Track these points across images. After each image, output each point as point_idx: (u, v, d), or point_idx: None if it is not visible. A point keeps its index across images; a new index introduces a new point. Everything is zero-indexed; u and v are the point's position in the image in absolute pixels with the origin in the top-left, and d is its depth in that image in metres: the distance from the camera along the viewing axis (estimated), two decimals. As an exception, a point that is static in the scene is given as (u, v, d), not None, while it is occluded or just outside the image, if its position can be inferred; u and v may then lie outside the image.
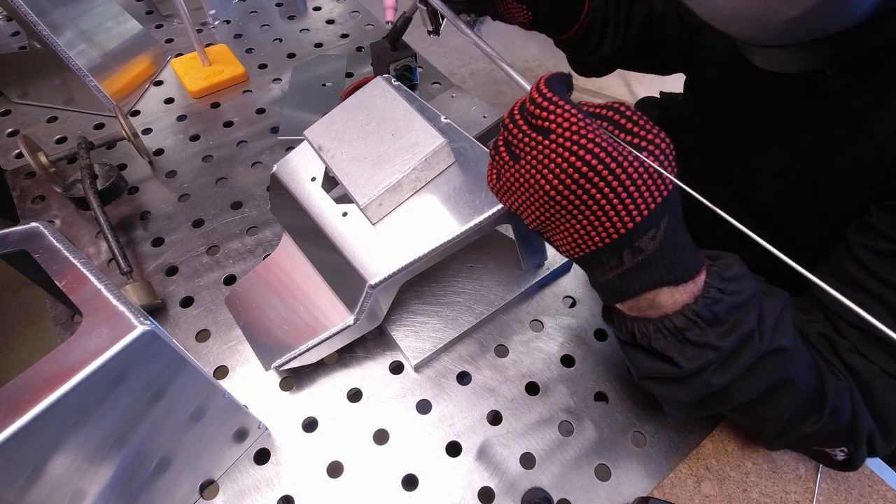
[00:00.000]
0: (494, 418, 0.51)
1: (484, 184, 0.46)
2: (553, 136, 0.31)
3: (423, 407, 0.51)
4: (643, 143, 0.31)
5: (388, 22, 0.54)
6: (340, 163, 0.48)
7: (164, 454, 0.40)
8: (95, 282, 0.33)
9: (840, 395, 0.38)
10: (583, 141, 0.30)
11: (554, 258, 0.59)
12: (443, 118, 0.50)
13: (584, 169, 0.30)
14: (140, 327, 0.31)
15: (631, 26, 0.65)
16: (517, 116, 0.33)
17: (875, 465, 0.49)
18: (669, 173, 0.31)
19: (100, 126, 0.76)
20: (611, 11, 0.63)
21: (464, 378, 0.53)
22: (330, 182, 0.51)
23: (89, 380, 0.29)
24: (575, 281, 0.60)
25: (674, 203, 0.32)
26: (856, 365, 0.39)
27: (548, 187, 0.32)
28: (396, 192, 0.46)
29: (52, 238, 0.36)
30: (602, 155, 0.30)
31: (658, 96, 0.82)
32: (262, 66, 0.86)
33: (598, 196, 0.31)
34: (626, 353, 0.41)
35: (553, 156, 0.31)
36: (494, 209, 0.45)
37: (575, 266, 0.61)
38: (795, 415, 0.39)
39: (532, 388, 0.52)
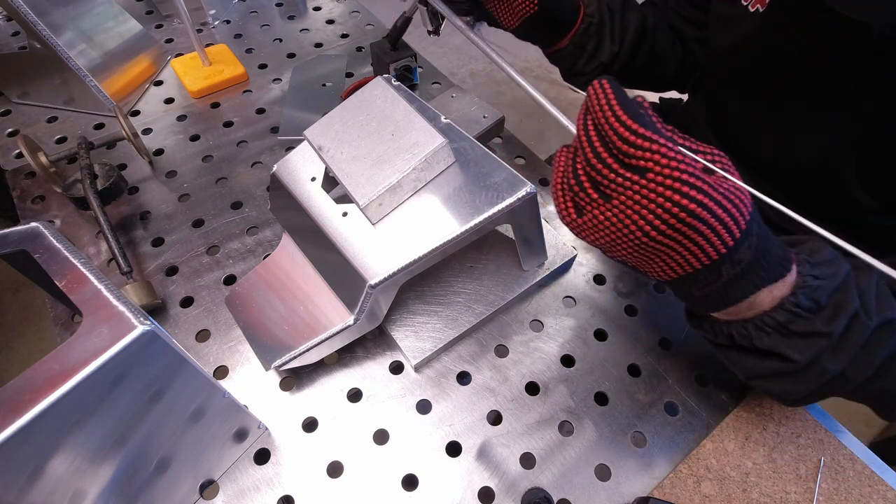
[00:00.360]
0: (494, 418, 0.51)
1: (484, 184, 0.46)
2: (651, 176, 0.30)
3: (423, 407, 0.51)
4: (716, 163, 0.31)
5: (405, 14, 0.54)
6: (340, 163, 0.48)
7: (164, 454, 0.40)
8: (95, 282, 0.33)
9: None
10: (684, 177, 0.29)
11: (554, 258, 0.59)
12: (443, 118, 0.50)
13: (692, 206, 0.29)
14: (140, 327, 0.31)
15: (626, 32, 0.66)
16: (602, 152, 0.31)
17: (875, 465, 0.49)
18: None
19: (100, 126, 0.76)
20: (605, 17, 0.64)
21: (464, 378, 0.53)
22: (330, 182, 0.51)
23: (89, 380, 0.29)
24: (575, 281, 0.60)
25: (755, 207, 0.32)
26: None
27: (647, 228, 0.31)
28: (396, 192, 0.46)
29: (52, 238, 0.36)
30: (705, 188, 0.29)
31: (657, 101, 0.82)
32: (262, 66, 0.86)
33: (703, 227, 0.30)
34: (725, 356, 0.40)
35: (653, 196, 0.30)
36: (494, 209, 0.45)
37: (575, 266, 0.61)
38: None
39: (532, 388, 0.52)
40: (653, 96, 0.82)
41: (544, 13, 0.59)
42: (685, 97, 0.78)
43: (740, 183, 0.31)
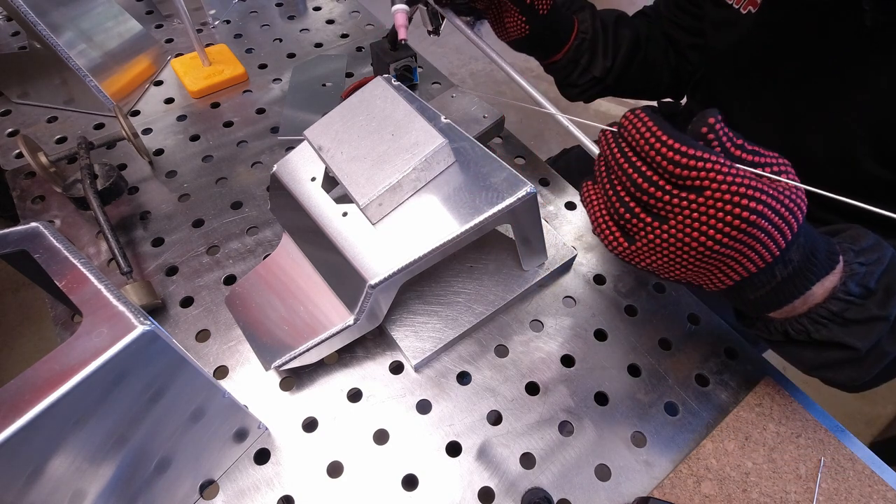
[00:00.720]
0: (495, 418, 0.51)
1: (484, 184, 0.46)
2: (709, 193, 0.30)
3: (423, 407, 0.51)
4: (774, 164, 0.31)
5: (402, 40, 0.55)
6: (340, 163, 0.48)
7: (164, 454, 0.40)
8: (95, 282, 0.33)
9: None
10: (743, 189, 0.29)
11: (554, 258, 0.59)
12: (443, 118, 0.50)
13: (753, 217, 0.29)
14: (140, 327, 0.31)
15: (619, 47, 0.67)
16: (653, 176, 0.31)
17: (875, 465, 0.49)
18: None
19: (100, 126, 0.76)
20: (598, 32, 0.65)
21: (464, 378, 0.53)
22: (330, 182, 0.51)
23: (89, 380, 0.29)
24: (575, 281, 0.60)
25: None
26: None
27: (710, 243, 0.31)
28: (396, 192, 0.46)
29: (52, 238, 0.36)
30: (766, 199, 0.30)
31: (655, 106, 0.82)
32: (262, 66, 0.86)
33: (761, 235, 0.31)
34: (782, 352, 0.40)
35: (712, 211, 0.30)
36: (494, 209, 0.45)
37: (575, 266, 0.61)
38: None
39: (532, 388, 0.52)
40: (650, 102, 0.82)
41: (535, 36, 0.59)
42: (683, 100, 0.78)
43: (794, 182, 0.31)
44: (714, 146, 0.31)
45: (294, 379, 0.53)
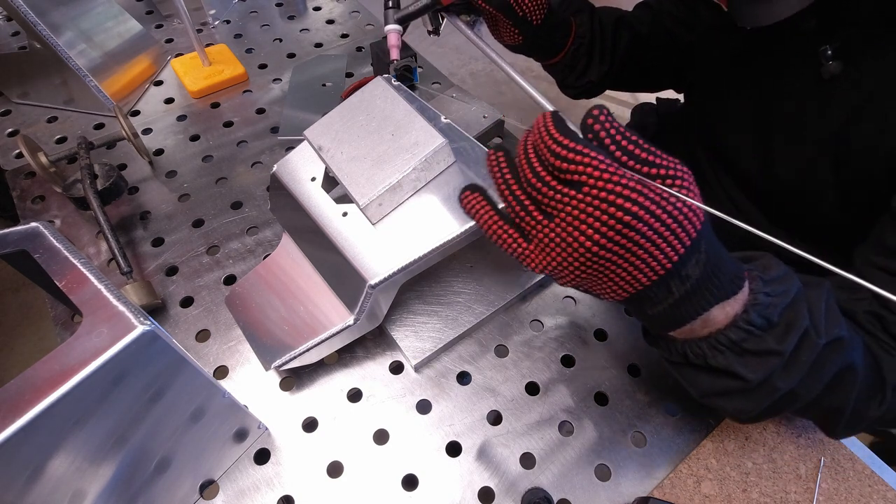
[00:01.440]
0: (494, 418, 0.51)
1: (484, 184, 0.46)
2: (586, 189, 0.30)
3: (423, 407, 0.51)
4: (669, 175, 0.31)
5: (393, 60, 0.55)
6: (340, 163, 0.48)
7: (164, 454, 0.40)
8: (95, 282, 0.33)
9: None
10: (618, 189, 0.29)
11: (554, 258, 0.59)
12: (443, 118, 0.50)
13: (627, 218, 0.29)
14: (140, 327, 0.31)
15: (617, 51, 0.66)
16: (541, 171, 0.31)
17: (875, 465, 0.49)
18: (697, 201, 0.30)
19: (100, 126, 0.76)
20: (596, 37, 0.64)
21: (464, 378, 0.53)
22: (330, 182, 0.51)
23: (89, 380, 0.29)
24: (575, 281, 0.60)
25: (708, 224, 0.32)
26: None
27: (588, 243, 0.31)
28: (396, 192, 0.45)
29: (52, 238, 0.36)
30: (640, 199, 0.29)
31: (654, 102, 0.82)
32: (262, 66, 0.86)
33: (643, 240, 0.30)
34: (679, 373, 0.40)
35: (590, 209, 0.30)
36: (494, 209, 0.45)
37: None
38: (860, 400, 0.39)
39: (532, 388, 0.52)
40: (649, 96, 0.82)
41: (529, 43, 0.59)
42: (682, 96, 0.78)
43: (689, 199, 0.30)
44: (607, 144, 0.31)
45: (294, 379, 0.53)
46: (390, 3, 0.56)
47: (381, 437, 0.50)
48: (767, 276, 0.34)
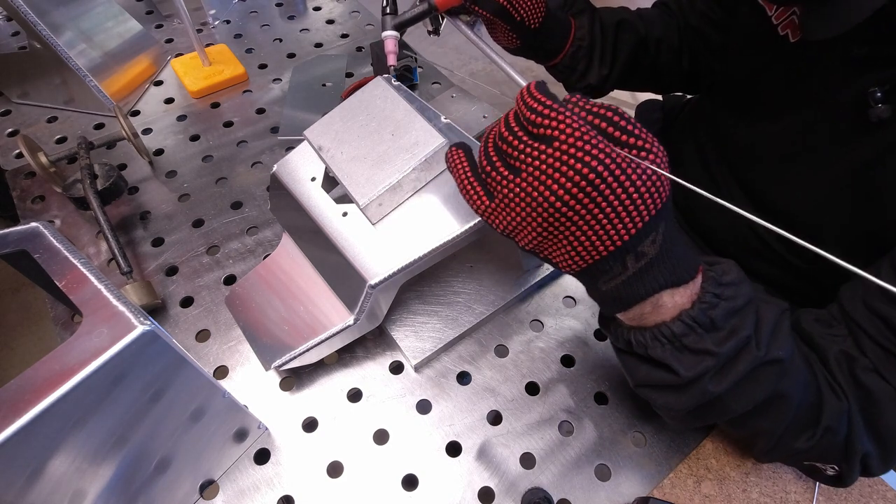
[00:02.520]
0: (494, 418, 0.51)
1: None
2: (557, 144, 0.30)
3: (423, 407, 0.51)
4: (643, 148, 0.31)
5: (391, 66, 0.55)
6: (340, 163, 0.48)
7: (164, 454, 0.40)
8: (95, 282, 0.33)
9: (837, 416, 0.38)
10: (588, 147, 0.29)
11: (554, 258, 0.59)
12: (443, 118, 0.50)
13: (592, 176, 0.29)
14: (140, 327, 0.31)
15: (618, 54, 0.64)
16: (514, 126, 0.33)
17: (875, 465, 0.49)
18: (666, 176, 0.31)
19: (100, 126, 0.76)
20: (596, 40, 0.63)
21: (464, 378, 0.53)
22: (330, 182, 0.51)
23: (89, 380, 0.29)
24: (575, 281, 0.60)
25: (669, 207, 0.32)
26: (871, 384, 0.38)
27: (552, 198, 0.31)
28: (396, 192, 0.45)
29: (52, 238, 0.36)
30: (608, 161, 0.29)
31: (660, 98, 0.81)
32: (262, 66, 0.86)
33: (604, 204, 0.30)
34: (622, 360, 0.40)
35: (558, 164, 0.30)
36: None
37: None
38: (789, 430, 0.39)
39: (532, 388, 0.52)
40: (651, 96, 0.82)
41: (527, 46, 0.59)
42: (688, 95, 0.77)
43: (658, 170, 0.31)
44: (583, 107, 0.32)
45: (294, 379, 0.53)
46: (388, 10, 0.56)
47: (381, 437, 0.50)
48: (722, 280, 0.35)
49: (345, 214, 0.47)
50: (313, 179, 0.51)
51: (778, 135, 0.52)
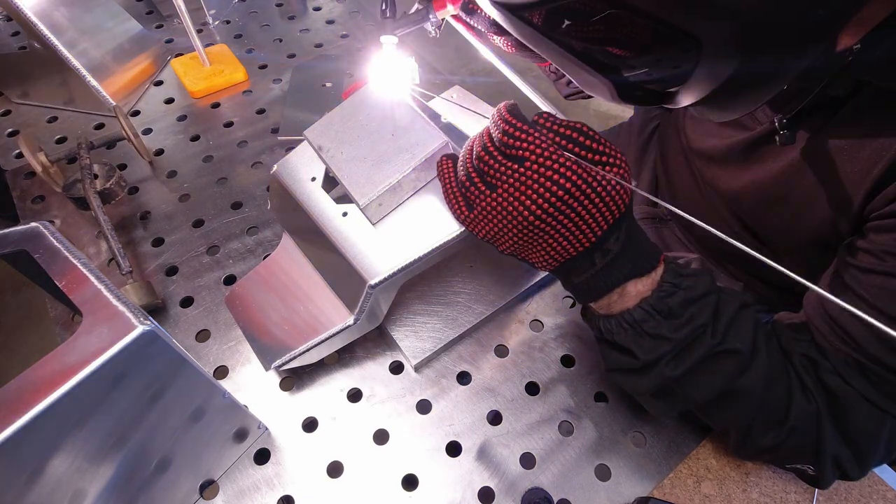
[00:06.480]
0: (494, 418, 0.51)
1: None
2: (528, 164, 0.34)
3: (423, 407, 0.51)
4: (607, 162, 0.35)
5: (390, 70, 0.55)
6: (340, 163, 0.48)
7: (164, 454, 0.40)
8: (95, 282, 0.33)
9: (803, 417, 0.39)
10: (555, 166, 0.33)
11: (554, 258, 0.59)
12: (443, 118, 0.50)
13: (560, 193, 0.34)
14: (140, 327, 0.31)
15: None
16: (490, 147, 0.36)
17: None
18: (629, 184, 0.35)
19: (100, 126, 0.76)
20: None
21: (464, 378, 0.53)
22: (330, 182, 0.51)
23: (89, 380, 0.29)
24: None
25: (630, 207, 0.37)
26: (835, 387, 0.39)
27: (526, 213, 0.35)
28: (396, 192, 0.45)
29: (52, 238, 0.36)
30: (574, 178, 0.33)
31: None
32: (262, 67, 0.86)
33: (572, 215, 0.34)
34: (599, 348, 0.44)
35: (529, 182, 0.34)
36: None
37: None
38: (756, 426, 0.40)
39: (532, 388, 0.52)
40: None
41: (522, 49, 0.59)
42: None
43: (621, 181, 0.34)
44: (550, 128, 0.35)
45: (294, 379, 0.53)
46: (387, 14, 0.56)
47: (380, 437, 0.50)
48: (682, 271, 0.38)
49: (345, 214, 0.47)
50: (313, 179, 0.51)
51: (725, 149, 0.54)
